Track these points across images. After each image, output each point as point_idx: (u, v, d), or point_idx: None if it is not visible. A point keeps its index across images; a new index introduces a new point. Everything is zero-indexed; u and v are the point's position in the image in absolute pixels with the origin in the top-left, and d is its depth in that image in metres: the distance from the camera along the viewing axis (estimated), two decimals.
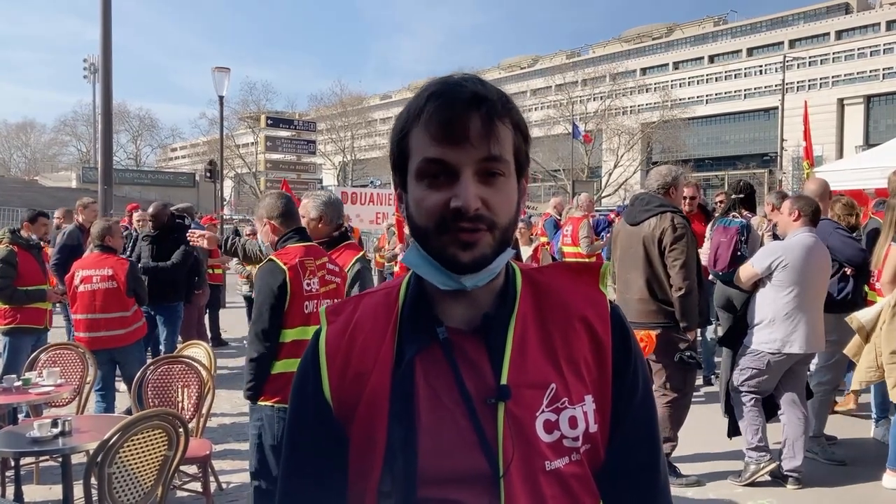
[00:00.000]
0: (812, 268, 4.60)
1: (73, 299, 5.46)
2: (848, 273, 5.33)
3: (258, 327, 3.29)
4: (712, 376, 7.55)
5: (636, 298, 4.65)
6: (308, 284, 3.36)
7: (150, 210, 7.29)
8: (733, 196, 6.66)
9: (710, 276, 5.52)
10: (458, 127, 0.96)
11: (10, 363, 5.67)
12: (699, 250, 4.93)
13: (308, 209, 3.96)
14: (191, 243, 5.60)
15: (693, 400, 6.73)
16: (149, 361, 5.07)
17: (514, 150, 1.01)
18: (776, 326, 4.62)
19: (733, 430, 5.00)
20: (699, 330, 5.56)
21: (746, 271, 4.79)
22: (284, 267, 3.32)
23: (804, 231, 4.66)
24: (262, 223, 3.59)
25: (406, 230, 11.20)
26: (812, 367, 5.43)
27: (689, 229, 4.68)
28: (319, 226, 3.98)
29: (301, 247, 3.47)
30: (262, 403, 3.32)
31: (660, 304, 4.61)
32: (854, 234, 5.58)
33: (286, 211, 3.54)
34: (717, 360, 7.70)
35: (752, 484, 4.69)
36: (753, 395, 4.75)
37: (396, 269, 11.45)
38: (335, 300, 3.39)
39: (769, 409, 4.85)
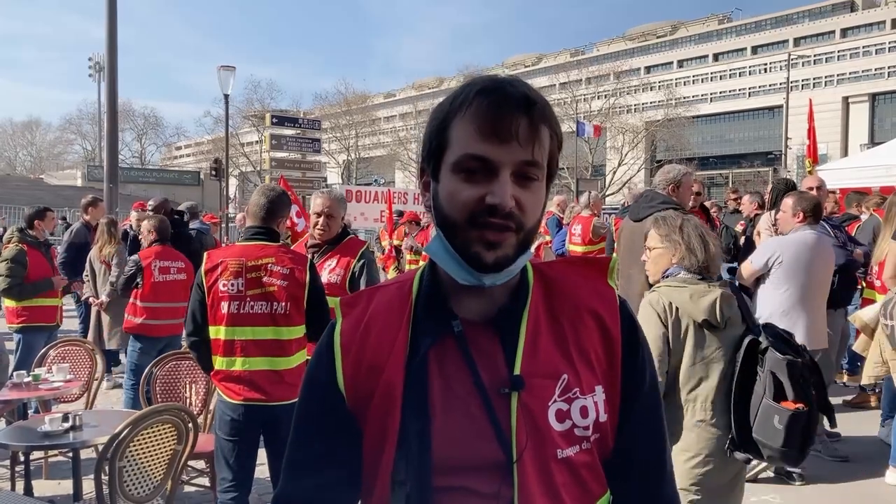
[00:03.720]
0: (810, 264, 4.59)
1: (147, 288, 5.71)
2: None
3: (188, 313, 3.43)
4: None
5: (637, 293, 4.66)
6: (225, 285, 3.30)
7: (151, 202, 7.46)
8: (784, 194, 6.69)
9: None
10: (506, 126, 0.97)
11: (23, 359, 5.72)
12: None
13: (324, 206, 3.93)
14: None
15: None
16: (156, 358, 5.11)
17: (549, 157, 1.03)
18: (774, 323, 4.61)
19: None
20: None
21: (746, 269, 4.82)
22: (203, 264, 3.38)
23: (804, 228, 4.68)
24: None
25: (404, 229, 11.17)
26: None
27: None
28: (338, 222, 3.98)
29: (241, 246, 3.45)
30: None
31: None
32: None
33: (261, 208, 3.47)
34: None
35: (756, 480, 4.70)
36: None
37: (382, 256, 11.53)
38: (272, 302, 3.33)
39: None
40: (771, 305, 4.65)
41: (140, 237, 6.26)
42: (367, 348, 1.07)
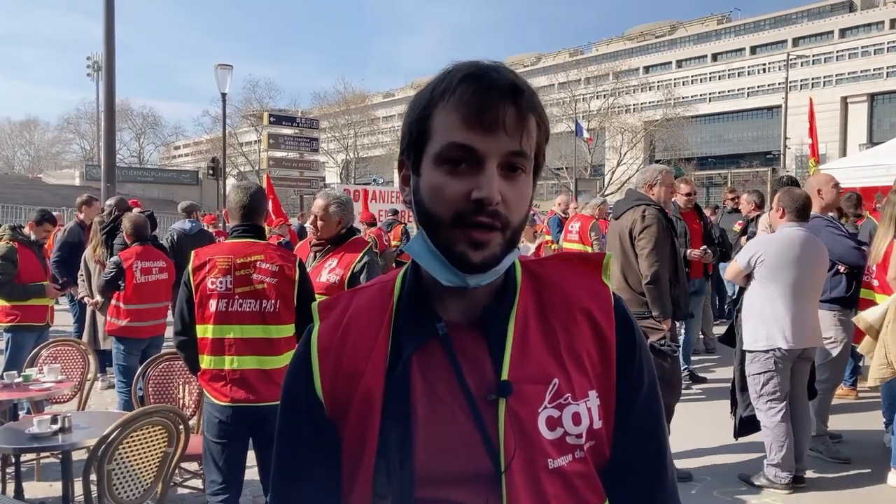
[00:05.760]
0: (796, 261, 4.49)
1: (130, 290, 5.61)
2: (841, 271, 5.30)
3: (176, 313, 3.42)
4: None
5: (615, 289, 4.66)
6: (213, 283, 3.28)
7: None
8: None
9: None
10: (493, 114, 0.92)
11: (13, 359, 5.67)
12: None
13: (316, 209, 3.91)
14: None
15: (696, 396, 6.74)
16: (141, 357, 5.09)
17: (536, 147, 0.98)
18: (763, 322, 4.55)
19: (740, 431, 4.90)
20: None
21: (732, 268, 4.81)
22: (190, 262, 3.36)
23: (790, 225, 4.59)
24: None
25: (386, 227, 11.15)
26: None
27: (661, 222, 4.69)
28: (332, 225, 3.93)
29: (230, 243, 3.42)
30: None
31: (633, 293, 4.66)
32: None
33: (241, 206, 3.45)
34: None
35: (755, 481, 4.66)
36: (776, 404, 4.55)
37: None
38: (262, 300, 3.32)
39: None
40: (759, 305, 4.58)
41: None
42: (346, 352, 1.02)
